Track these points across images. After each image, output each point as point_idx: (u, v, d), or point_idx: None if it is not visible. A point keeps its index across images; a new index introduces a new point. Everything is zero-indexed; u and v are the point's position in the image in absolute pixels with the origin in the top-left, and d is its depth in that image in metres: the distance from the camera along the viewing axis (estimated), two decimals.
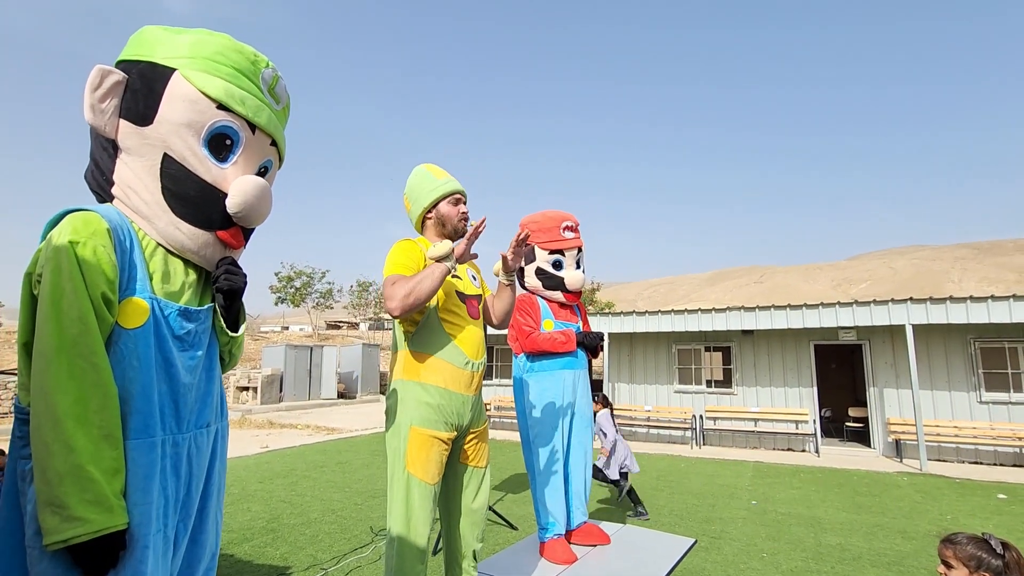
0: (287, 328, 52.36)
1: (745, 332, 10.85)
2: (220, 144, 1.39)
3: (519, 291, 3.46)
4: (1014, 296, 8.26)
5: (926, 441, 8.64)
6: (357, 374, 20.66)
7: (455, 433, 2.16)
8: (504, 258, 2.36)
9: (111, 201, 1.37)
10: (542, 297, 3.26)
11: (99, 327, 1.18)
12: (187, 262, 1.43)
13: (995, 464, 8.82)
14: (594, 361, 20.19)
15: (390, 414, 2.16)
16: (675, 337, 11.62)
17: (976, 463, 8.91)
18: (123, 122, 1.34)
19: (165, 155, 1.34)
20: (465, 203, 2.38)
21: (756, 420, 10.60)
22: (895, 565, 4.29)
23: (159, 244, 1.37)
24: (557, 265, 3.23)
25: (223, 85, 1.38)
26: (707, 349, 11.56)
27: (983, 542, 1.67)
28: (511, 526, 5.08)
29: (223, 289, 1.44)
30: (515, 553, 2.89)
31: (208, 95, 1.35)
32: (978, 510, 6.11)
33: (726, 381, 11.33)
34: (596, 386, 14.17)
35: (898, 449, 9.36)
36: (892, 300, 8.99)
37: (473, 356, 2.21)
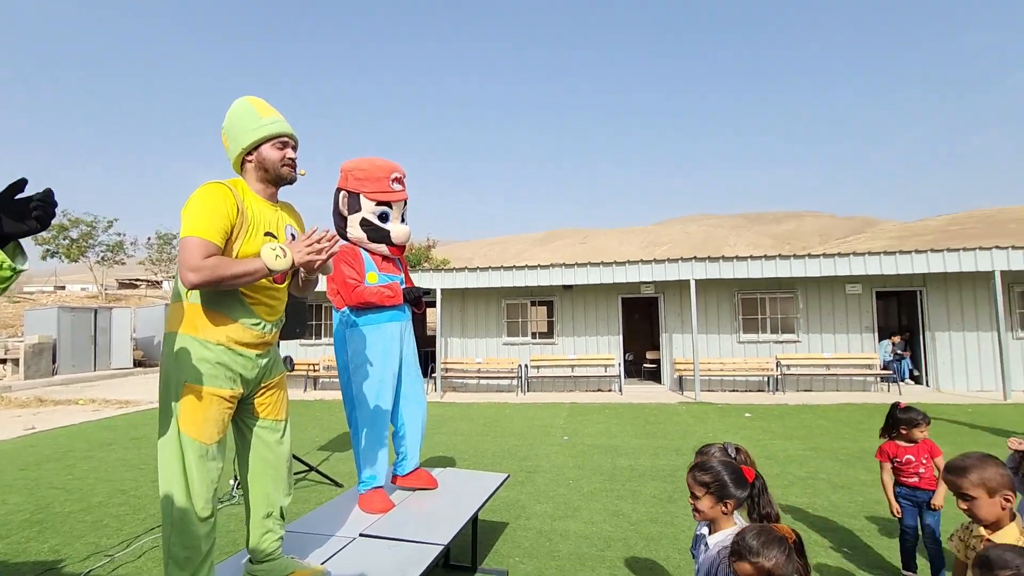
0: (63, 288, 43.17)
1: (566, 287, 11.85)
2: None
3: (340, 242, 3.32)
4: (765, 256, 10.28)
5: (701, 376, 10.47)
6: (159, 339, 18.09)
7: (240, 390, 2.00)
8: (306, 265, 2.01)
9: None
10: (365, 249, 3.16)
11: None
12: None
13: (746, 391, 11.06)
14: (428, 317, 19.95)
15: (163, 370, 1.93)
16: (504, 292, 12.23)
17: (734, 391, 11.07)
18: None
19: None
20: (295, 149, 2.14)
21: (573, 366, 11.77)
22: (670, 477, 5.20)
23: None
24: (383, 217, 3.14)
25: None
26: (533, 303, 12.41)
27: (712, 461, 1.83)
28: (336, 484, 5.02)
29: None
30: (331, 508, 2.87)
31: None
32: (732, 427, 7.64)
33: (549, 332, 12.34)
34: (429, 341, 14.36)
35: (681, 384, 11.20)
36: (681, 259, 10.54)
37: (267, 317, 2.05)
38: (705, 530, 1.78)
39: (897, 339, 11.57)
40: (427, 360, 13.44)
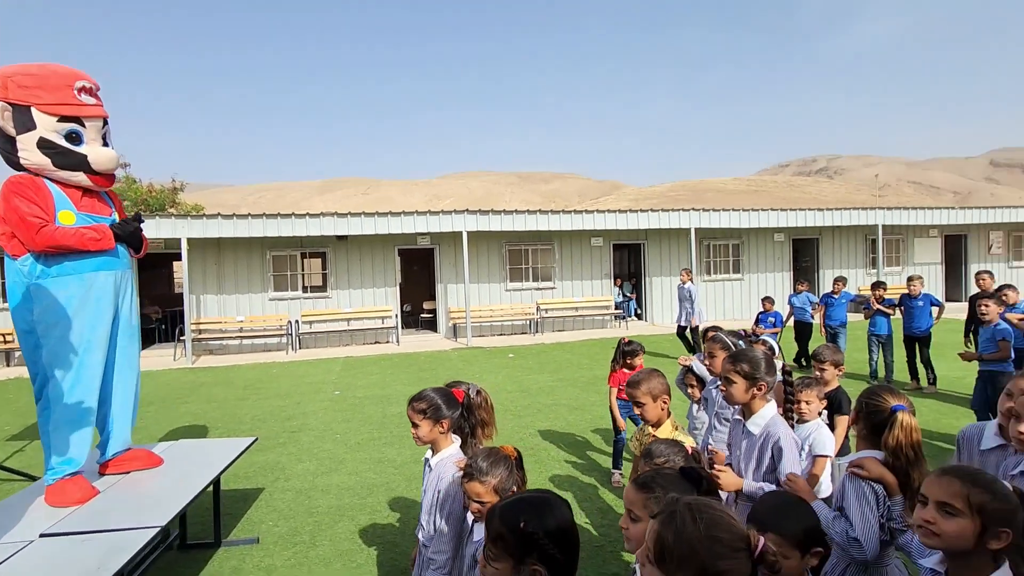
0: None
1: (340, 238, 11.26)
2: None
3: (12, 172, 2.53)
4: (528, 211, 11.29)
5: (472, 323, 11.15)
6: None
7: None
8: None
9: None
10: (52, 180, 2.46)
11: None
12: None
13: (512, 334, 12.18)
14: (175, 271, 17.13)
15: None
16: (271, 243, 11.08)
17: (501, 335, 12.09)
18: None
19: None
20: None
21: (349, 320, 11.41)
22: None
23: None
24: (74, 138, 2.46)
25: None
26: (304, 255, 11.52)
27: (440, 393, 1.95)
28: (32, 478, 4.06)
29: None
30: (3, 511, 2.28)
31: None
32: (497, 367, 8.36)
33: (322, 286, 11.67)
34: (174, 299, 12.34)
35: (455, 331, 11.78)
36: (454, 211, 10.88)
37: None
38: (429, 453, 1.90)
39: (620, 282, 13.95)
40: (175, 321, 11.57)
